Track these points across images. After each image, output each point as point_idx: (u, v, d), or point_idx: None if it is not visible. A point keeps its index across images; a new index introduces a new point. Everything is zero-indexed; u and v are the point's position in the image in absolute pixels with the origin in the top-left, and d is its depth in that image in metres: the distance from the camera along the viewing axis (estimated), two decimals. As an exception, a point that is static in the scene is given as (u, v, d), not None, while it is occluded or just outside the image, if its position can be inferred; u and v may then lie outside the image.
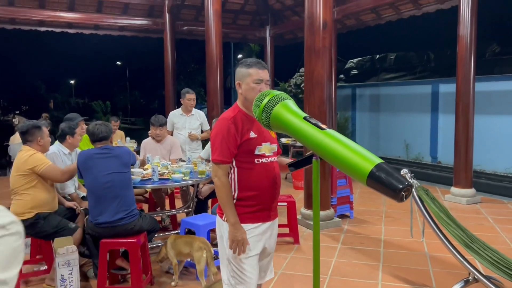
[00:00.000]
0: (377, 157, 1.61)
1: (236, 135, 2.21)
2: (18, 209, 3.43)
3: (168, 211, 4.64)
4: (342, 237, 4.77)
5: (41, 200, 3.46)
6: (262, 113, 1.91)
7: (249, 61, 2.33)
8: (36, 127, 3.55)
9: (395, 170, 1.59)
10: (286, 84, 15.93)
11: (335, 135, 1.73)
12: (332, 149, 1.69)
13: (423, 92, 12.71)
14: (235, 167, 2.26)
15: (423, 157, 12.79)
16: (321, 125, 1.80)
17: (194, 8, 10.18)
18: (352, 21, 9.63)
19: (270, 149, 2.32)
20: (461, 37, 6.25)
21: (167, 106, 10.26)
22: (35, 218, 3.44)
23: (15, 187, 3.45)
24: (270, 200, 2.33)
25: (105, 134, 3.43)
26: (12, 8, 8.50)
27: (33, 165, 3.39)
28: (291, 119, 1.87)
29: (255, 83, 2.25)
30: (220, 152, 2.21)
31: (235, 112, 2.30)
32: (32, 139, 3.52)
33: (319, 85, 4.96)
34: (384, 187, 1.56)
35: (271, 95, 1.91)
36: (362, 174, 1.58)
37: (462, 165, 6.35)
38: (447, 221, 3.28)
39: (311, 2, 4.90)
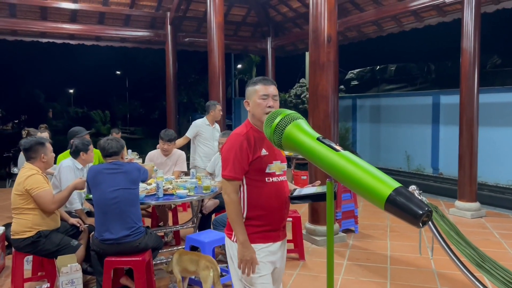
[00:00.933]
0: (395, 180, 1.57)
1: (248, 151, 2.18)
2: (18, 228, 3.37)
3: (172, 227, 4.58)
4: (348, 253, 4.70)
5: (41, 219, 3.40)
6: (274, 133, 1.87)
7: (256, 79, 2.34)
8: (39, 143, 3.48)
9: (414, 195, 1.55)
10: (286, 95, 15.96)
11: (350, 157, 1.68)
12: (348, 171, 1.64)
13: (424, 103, 12.73)
14: (245, 185, 2.22)
15: (424, 169, 12.76)
16: (335, 146, 1.76)
17: (195, 20, 10.21)
18: (353, 33, 9.67)
19: (280, 168, 2.29)
20: (464, 50, 6.25)
21: (168, 117, 10.25)
22: (36, 236, 3.37)
23: (15, 206, 3.38)
24: (280, 220, 2.28)
25: (116, 150, 3.39)
26: (14, 19, 8.50)
27: (29, 187, 3.31)
28: (304, 140, 1.83)
29: (261, 99, 2.24)
30: (232, 168, 2.17)
31: (248, 128, 2.27)
32: (36, 156, 3.45)
33: (324, 98, 4.93)
34: (404, 212, 1.51)
35: (283, 115, 1.87)
36: (380, 199, 1.53)
37: (467, 179, 6.31)
38: (458, 240, 3.23)
39: (316, 16, 4.89)
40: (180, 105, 13.79)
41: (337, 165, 1.67)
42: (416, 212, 1.47)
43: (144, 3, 9.42)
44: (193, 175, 4.76)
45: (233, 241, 2.23)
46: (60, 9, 8.70)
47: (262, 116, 2.20)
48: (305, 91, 15.27)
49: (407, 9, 7.36)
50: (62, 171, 3.94)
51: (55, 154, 3.92)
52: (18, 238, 3.37)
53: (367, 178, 1.57)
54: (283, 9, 10.29)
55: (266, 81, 2.29)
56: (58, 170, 4.00)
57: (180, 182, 4.30)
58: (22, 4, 8.37)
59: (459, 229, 5.42)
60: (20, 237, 3.36)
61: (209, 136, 5.80)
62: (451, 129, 11.45)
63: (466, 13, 6.24)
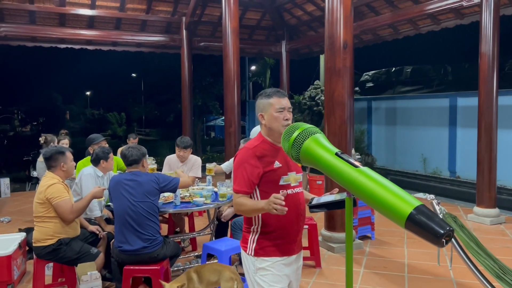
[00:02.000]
0: (416, 198, 1.56)
1: (258, 165, 2.18)
2: (40, 236, 3.44)
3: (189, 234, 4.62)
4: (364, 261, 4.68)
5: (62, 227, 3.46)
6: (292, 147, 1.87)
7: (269, 91, 2.31)
8: (59, 152, 3.55)
9: (435, 214, 1.54)
10: (300, 97, 15.90)
11: (370, 173, 1.68)
12: (367, 188, 1.64)
13: (440, 105, 12.55)
14: (259, 198, 2.22)
15: (441, 172, 12.58)
16: (354, 162, 1.76)
17: (210, 24, 10.27)
18: (369, 36, 9.61)
19: (295, 179, 2.28)
20: (483, 54, 6.16)
21: (184, 120, 10.33)
22: (57, 244, 3.44)
23: (37, 214, 3.45)
24: (295, 233, 2.28)
25: (135, 158, 3.42)
26: (34, 26, 8.67)
27: (49, 196, 3.38)
28: (322, 155, 1.82)
29: (278, 112, 2.23)
30: (240, 182, 2.19)
31: (259, 141, 2.27)
32: (56, 165, 3.52)
33: (340, 105, 4.92)
34: (425, 231, 1.51)
35: (301, 129, 1.87)
36: (400, 217, 1.53)
37: (486, 184, 6.21)
38: (477, 251, 3.18)
39: (331, 22, 4.88)
40: (194, 107, 13.86)
41: (356, 181, 1.66)
42: (437, 232, 1.46)
43: (160, 8, 9.51)
44: (209, 181, 4.79)
45: (249, 254, 2.24)
46: (78, 15, 8.86)
47: (281, 129, 2.20)
48: (319, 93, 15.19)
49: (423, 12, 7.29)
50: (83, 178, 4.02)
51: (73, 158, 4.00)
52: (39, 246, 3.44)
53: (388, 196, 1.57)
54: (298, 13, 10.27)
55: (280, 93, 2.28)
56: (79, 178, 4.08)
57: (196, 189, 4.33)
58: (41, 11, 8.54)
59: (478, 236, 5.34)
60: (42, 245, 3.43)
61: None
62: (468, 131, 11.26)
63: (485, 16, 6.16)
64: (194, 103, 14.37)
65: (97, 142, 4.98)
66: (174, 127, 24.60)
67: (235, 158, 2.30)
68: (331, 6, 4.89)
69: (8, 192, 8.44)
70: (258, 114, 2.32)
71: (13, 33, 8.52)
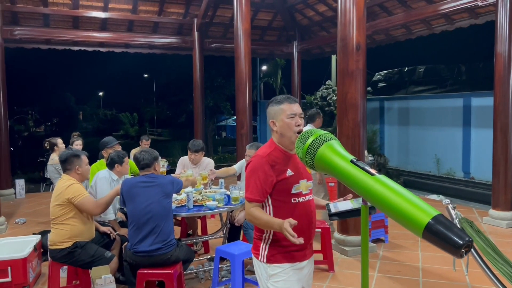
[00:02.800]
0: (433, 208, 1.53)
1: (271, 174, 2.16)
2: (57, 238, 3.47)
3: (201, 237, 4.62)
4: (378, 264, 4.63)
5: (79, 230, 3.51)
6: (306, 154, 1.85)
7: (279, 98, 2.30)
8: (75, 155, 3.60)
9: (453, 224, 1.51)
10: (312, 97, 15.86)
11: (386, 181, 1.65)
12: (384, 197, 1.62)
13: (454, 105, 12.40)
14: (271, 206, 2.21)
15: (455, 172, 12.42)
16: (370, 169, 1.73)
17: (222, 26, 10.29)
18: (381, 37, 9.53)
19: (307, 187, 2.27)
20: (498, 54, 6.05)
21: (195, 120, 10.38)
22: (73, 246, 3.48)
23: (54, 217, 3.49)
24: (307, 240, 2.26)
25: (147, 162, 3.45)
26: (48, 29, 8.79)
27: (70, 195, 3.43)
28: (337, 162, 1.80)
29: (289, 118, 2.21)
30: (253, 191, 2.17)
31: (272, 148, 2.25)
32: (71, 168, 3.57)
33: (353, 107, 4.88)
34: (443, 242, 1.48)
35: (315, 135, 1.85)
36: (418, 226, 1.51)
37: (501, 187, 6.11)
38: (494, 257, 3.13)
39: (344, 24, 4.84)
40: (206, 108, 13.90)
41: (372, 189, 1.64)
42: (456, 242, 1.44)
43: (171, 10, 9.56)
44: (221, 184, 4.79)
45: (261, 261, 2.24)
46: (91, 18, 8.95)
47: (293, 135, 2.19)
48: (331, 93, 15.12)
49: (437, 12, 7.20)
50: (98, 181, 4.06)
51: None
52: (55, 248, 3.48)
53: (405, 205, 1.54)
54: (310, 13, 10.23)
55: (290, 99, 2.27)
56: (94, 181, 4.13)
57: (209, 192, 4.34)
58: (55, 14, 8.65)
59: (494, 239, 5.25)
60: (58, 248, 3.47)
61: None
62: (483, 132, 11.11)
63: (500, 16, 6.05)
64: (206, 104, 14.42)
65: (111, 146, 5.02)
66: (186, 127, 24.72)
67: (247, 166, 2.29)
68: (344, 8, 4.85)
69: (23, 193, 8.56)
70: (269, 121, 2.31)
71: (28, 36, 8.63)
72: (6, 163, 8.33)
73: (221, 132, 36.55)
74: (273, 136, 2.33)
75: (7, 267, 3.92)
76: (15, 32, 8.39)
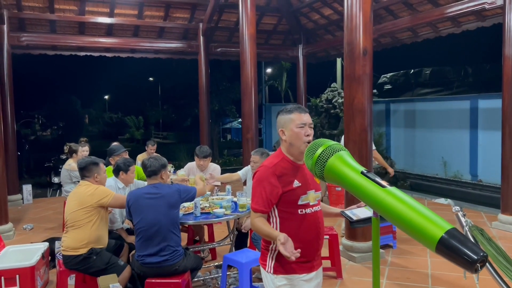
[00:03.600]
0: (446, 221, 1.51)
1: (277, 185, 2.15)
2: (73, 244, 3.47)
3: (209, 244, 4.61)
4: (386, 271, 4.59)
5: (97, 236, 3.52)
6: (316, 165, 1.83)
7: (289, 107, 2.29)
8: (94, 163, 3.65)
9: (467, 238, 1.48)
10: (317, 100, 15.82)
11: (397, 194, 1.63)
12: (396, 210, 1.60)
13: (461, 108, 12.33)
14: (277, 217, 2.20)
15: (462, 175, 12.34)
16: (381, 181, 1.71)
17: (227, 30, 10.30)
18: (387, 40, 9.48)
19: (314, 197, 2.25)
20: (506, 57, 6.00)
21: (201, 124, 10.38)
22: (88, 253, 3.49)
23: (75, 221, 3.49)
24: (314, 252, 2.25)
25: (154, 169, 3.42)
26: (54, 35, 8.83)
27: (101, 197, 3.49)
28: (348, 173, 1.77)
29: (299, 128, 2.20)
30: (258, 201, 2.16)
31: (279, 159, 2.24)
32: (90, 175, 3.62)
33: (360, 112, 4.85)
34: (457, 256, 1.45)
35: (324, 146, 1.83)
36: (431, 240, 1.48)
37: (511, 191, 6.05)
38: (506, 265, 3.09)
39: (351, 29, 4.81)
40: (211, 112, 13.91)
41: (384, 202, 1.62)
42: (470, 257, 1.41)
43: (177, 15, 9.58)
44: (228, 191, 4.77)
45: (268, 272, 2.22)
46: (96, 23, 8.99)
47: (302, 145, 2.18)
48: (336, 95, 15.07)
49: (444, 15, 7.16)
50: None
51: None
52: (70, 254, 3.48)
53: (417, 218, 1.52)
54: (315, 17, 10.22)
55: (301, 109, 2.26)
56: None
57: (216, 199, 4.33)
58: (62, 20, 8.69)
59: (504, 245, 5.21)
60: (73, 254, 3.47)
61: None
62: (490, 134, 11.03)
63: (508, 19, 6.00)
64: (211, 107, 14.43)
65: (118, 154, 5.02)
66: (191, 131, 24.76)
67: (254, 175, 2.28)
68: (350, 13, 4.83)
69: (30, 198, 8.58)
70: (278, 130, 2.30)
71: (34, 42, 8.68)
72: (14, 168, 8.37)
73: (226, 135, 36.60)
74: (282, 145, 2.31)
75: (15, 276, 3.92)
76: (22, 38, 8.44)
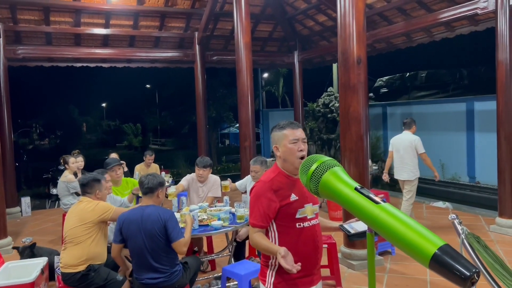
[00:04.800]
0: (439, 238, 1.53)
1: (274, 199, 2.18)
2: (71, 261, 3.48)
3: (208, 256, 4.62)
4: (385, 279, 4.61)
5: (95, 252, 3.53)
6: (310, 180, 1.85)
7: (282, 123, 2.32)
8: (95, 180, 3.68)
9: (460, 255, 1.51)
10: (314, 104, 15.86)
11: (391, 210, 1.65)
12: (389, 226, 1.62)
13: (457, 110, 12.39)
14: (275, 231, 2.22)
15: (460, 177, 12.37)
16: (374, 197, 1.73)
17: (223, 38, 10.35)
18: (382, 45, 9.55)
19: (312, 211, 2.27)
20: (500, 62, 6.05)
21: (199, 132, 10.39)
22: (86, 270, 3.50)
23: (74, 237, 3.49)
24: (313, 265, 2.27)
25: (151, 186, 3.32)
26: (50, 47, 8.86)
27: (102, 212, 3.51)
28: (342, 189, 1.79)
29: (292, 144, 2.23)
30: (256, 216, 2.19)
31: (275, 173, 2.27)
32: (91, 192, 3.65)
33: (356, 120, 4.88)
34: (450, 272, 1.47)
35: (319, 162, 1.85)
36: (424, 257, 1.50)
37: (508, 195, 6.08)
38: (502, 273, 3.11)
39: (345, 38, 4.85)
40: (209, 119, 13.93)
41: (377, 219, 1.64)
42: (463, 274, 1.43)
43: (172, 24, 9.63)
44: (226, 202, 4.79)
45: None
46: (92, 35, 9.03)
47: (295, 161, 2.20)
48: (333, 99, 15.11)
49: (437, 20, 7.21)
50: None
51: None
52: (69, 272, 3.48)
53: (410, 235, 1.54)
54: (310, 23, 10.28)
55: (293, 124, 2.29)
56: None
57: (214, 211, 4.34)
58: (57, 32, 8.72)
59: (502, 248, 5.23)
60: (71, 271, 3.47)
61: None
62: (487, 136, 11.07)
63: (500, 23, 6.06)
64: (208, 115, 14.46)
65: (109, 168, 4.98)
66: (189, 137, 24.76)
67: (251, 191, 2.30)
68: (343, 22, 4.87)
69: (29, 210, 8.58)
70: (273, 146, 2.33)
71: (31, 55, 8.70)
72: (12, 181, 8.37)
73: (225, 140, 36.59)
74: (277, 160, 2.34)
75: (15, 292, 3.92)
76: (18, 51, 8.46)
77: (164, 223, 3.19)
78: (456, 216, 3.32)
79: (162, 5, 9.12)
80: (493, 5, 6.17)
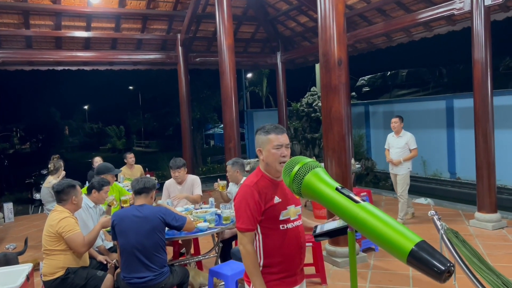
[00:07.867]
0: (416, 235, 1.61)
1: (259, 202, 2.22)
2: (50, 270, 3.49)
3: (194, 258, 4.65)
4: (369, 275, 4.72)
5: (72, 260, 3.53)
6: (293, 182, 1.91)
7: (267, 127, 2.35)
8: (71, 186, 3.62)
9: (436, 250, 1.59)
10: (298, 104, 15.98)
11: (370, 209, 1.72)
12: (369, 224, 1.68)
13: (437, 107, 12.65)
14: (260, 234, 2.26)
15: (441, 173, 12.64)
16: (354, 197, 1.79)
17: (205, 40, 10.36)
18: (363, 45, 9.69)
19: (295, 212, 2.32)
20: (476, 60, 6.22)
21: (183, 133, 10.37)
22: (65, 274, 3.50)
23: (47, 247, 3.50)
24: (296, 266, 2.32)
25: (148, 186, 3.42)
26: (30, 51, 8.74)
27: (61, 230, 3.42)
28: (323, 190, 1.85)
29: (275, 149, 2.27)
30: (244, 220, 2.22)
31: (258, 177, 2.31)
32: (67, 198, 3.59)
33: (338, 121, 4.97)
34: (426, 267, 1.56)
35: (301, 163, 1.90)
36: (402, 253, 1.57)
37: (486, 190, 6.26)
38: (480, 266, 3.23)
39: (325, 40, 4.94)
40: (193, 120, 13.90)
41: (357, 217, 1.70)
42: (438, 268, 1.51)
43: (154, 26, 9.60)
44: (211, 204, 4.83)
45: None
46: (73, 38, 8.94)
47: (277, 165, 2.26)
48: (316, 99, 15.24)
49: (416, 21, 7.37)
50: None
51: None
52: (49, 279, 3.49)
53: (389, 232, 1.61)
54: (291, 24, 10.37)
55: (278, 129, 2.32)
56: None
57: (200, 213, 4.38)
58: (37, 35, 8.61)
59: (481, 242, 5.39)
60: (51, 278, 3.48)
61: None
62: (466, 132, 11.34)
63: (476, 24, 6.23)
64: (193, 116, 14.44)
65: (105, 175, 4.95)
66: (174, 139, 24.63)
67: (235, 197, 2.34)
68: (324, 24, 4.95)
69: (11, 216, 8.46)
70: (256, 149, 2.38)
71: (10, 59, 8.58)
72: (-7, 187, 8.25)
73: (209, 141, 36.52)
74: (260, 164, 2.39)
75: (0, 299, 3.90)
76: (-2, 55, 8.34)
77: (163, 218, 3.34)
78: (436, 212, 3.43)
79: (144, 8, 9.09)
80: (468, 6, 6.35)
